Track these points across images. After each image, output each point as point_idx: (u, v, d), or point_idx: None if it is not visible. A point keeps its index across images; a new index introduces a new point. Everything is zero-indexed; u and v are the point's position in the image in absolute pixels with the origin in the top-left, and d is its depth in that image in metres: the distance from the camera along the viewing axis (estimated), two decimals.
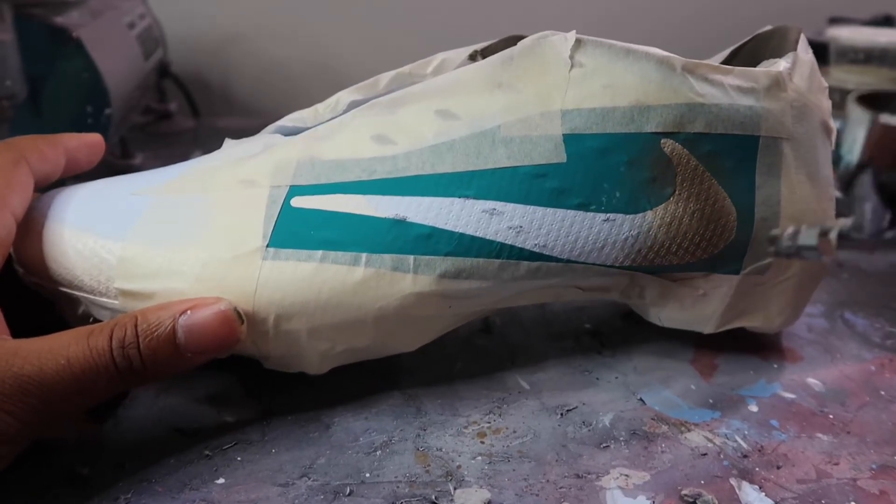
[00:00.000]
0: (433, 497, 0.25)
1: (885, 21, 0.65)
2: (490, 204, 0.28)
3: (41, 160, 0.28)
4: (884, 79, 0.54)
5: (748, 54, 0.34)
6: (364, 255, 0.27)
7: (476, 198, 0.28)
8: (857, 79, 0.55)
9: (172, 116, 0.69)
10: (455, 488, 0.25)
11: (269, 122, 0.33)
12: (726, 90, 0.28)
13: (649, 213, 0.28)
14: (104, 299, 0.28)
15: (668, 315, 0.33)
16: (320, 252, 0.27)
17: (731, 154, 0.29)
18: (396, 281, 0.27)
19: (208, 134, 0.69)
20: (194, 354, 0.25)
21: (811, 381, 0.32)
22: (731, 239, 0.29)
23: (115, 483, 0.25)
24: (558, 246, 0.28)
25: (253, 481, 0.26)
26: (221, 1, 0.75)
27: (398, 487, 0.25)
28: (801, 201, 0.30)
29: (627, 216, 0.28)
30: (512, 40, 0.31)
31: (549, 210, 0.28)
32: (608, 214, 0.28)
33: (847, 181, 0.47)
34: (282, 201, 0.28)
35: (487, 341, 0.35)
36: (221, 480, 0.26)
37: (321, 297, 0.27)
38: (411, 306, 0.28)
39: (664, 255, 0.29)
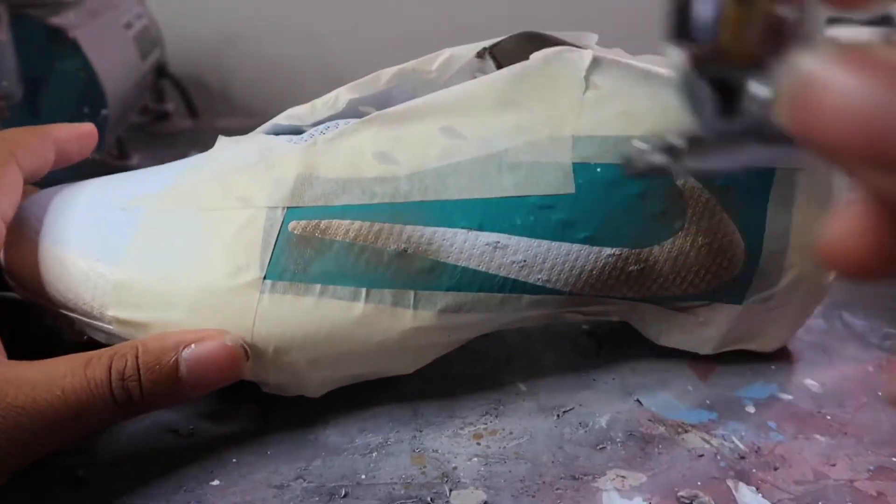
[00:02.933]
0: (429, 499, 0.25)
1: (885, 21, 0.65)
2: (494, 237, 0.27)
3: (30, 155, 0.28)
4: None
5: None
6: (364, 290, 0.26)
7: (480, 229, 0.27)
8: None
9: (170, 117, 0.69)
10: (451, 490, 0.25)
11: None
12: None
13: (656, 248, 0.28)
14: (99, 323, 0.27)
15: (666, 338, 0.32)
16: (319, 286, 0.26)
17: (745, 187, 0.28)
18: (397, 316, 0.27)
19: (206, 134, 0.68)
20: (195, 388, 0.25)
21: (809, 382, 0.32)
22: (736, 272, 0.29)
23: (111, 484, 0.25)
24: (562, 280, 0.28)
25: (248, 483, 0.26)
26: (219, 1, 0.75)
27: (394, 489, 0.25)
28: (812, 232, 0.29)
29: (633, 251, 0.28)
30: (523, 38, 0.30)
31: (555, 244, 0.27)
32: (614, 249, 0.27)
33: None
34: (279, 226, 0.26)
35: (484, 342, 0.35)
36: (216, 482, 0.26)
37: (321, 331, 0.26)
38: (411, 338, 0.27)
39: (667, 287, 0.29)
